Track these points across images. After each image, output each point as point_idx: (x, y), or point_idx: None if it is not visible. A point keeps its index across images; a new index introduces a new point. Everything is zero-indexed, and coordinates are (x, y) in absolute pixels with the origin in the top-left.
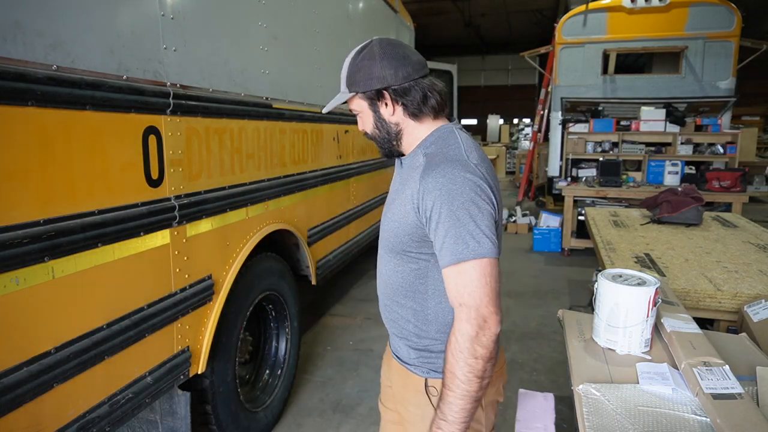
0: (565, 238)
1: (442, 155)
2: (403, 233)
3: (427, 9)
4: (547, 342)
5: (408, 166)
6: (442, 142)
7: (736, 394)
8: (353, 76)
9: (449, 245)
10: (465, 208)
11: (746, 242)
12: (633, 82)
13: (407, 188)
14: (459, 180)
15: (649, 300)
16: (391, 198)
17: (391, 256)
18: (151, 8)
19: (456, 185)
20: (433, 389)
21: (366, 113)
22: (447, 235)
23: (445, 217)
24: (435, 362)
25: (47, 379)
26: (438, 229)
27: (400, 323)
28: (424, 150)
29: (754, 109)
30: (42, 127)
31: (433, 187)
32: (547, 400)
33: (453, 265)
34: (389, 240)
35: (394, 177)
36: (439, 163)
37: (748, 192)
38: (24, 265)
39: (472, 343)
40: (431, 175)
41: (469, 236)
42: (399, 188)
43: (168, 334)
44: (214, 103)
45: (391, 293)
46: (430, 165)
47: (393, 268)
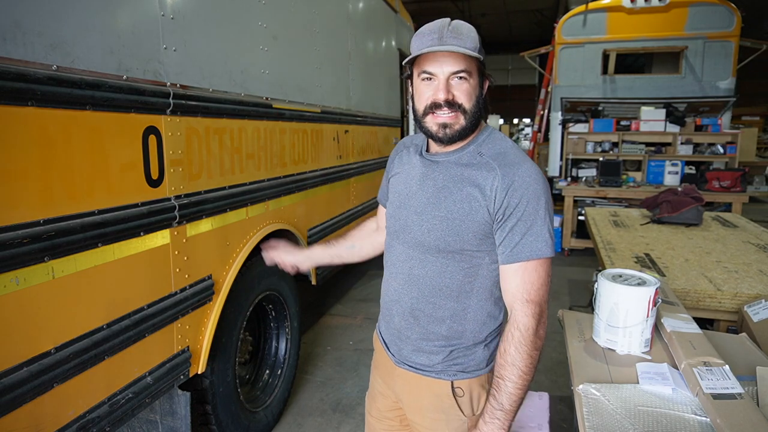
0: (565, 238)
1: (514, 152)
2: (466, 231)
3: (427, 9)
4: (547, 342)
5: (456, 163)
6: (501, 142)
7: (736, 394)
8: (481, 46)
9: (529, 242)
10: (546, 207)
11: (746, 242)
12: (633, 82)
13: (467, 186)
14: (542, 180)
15: (649, 300)
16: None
17: (439, 256)
18: (151, 8)
19: (540, 185)
20: (460, 390)
21: (474, 81)
22: (528, 232)
23: (529, 215)
24: (464, 362)
25: (47, 379)
26: (517, 226)
27: (430, 327)
28: (478, 148)
29: (754, 109)
30: (42, 127)
31: (521, 184)
32: (542, 400)
33: (527, 261)
34: (439, 241)
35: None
36: (521, 161)
37: (748, 192)
38: (24, 265)
39: (535, 337)
40: (517, 173)
41: (548, 234)
42: (447, 186)
43: (168, 334)
44: (214, 103)
45: (428, 295)
46: (509, 162)
47: (439, 269)
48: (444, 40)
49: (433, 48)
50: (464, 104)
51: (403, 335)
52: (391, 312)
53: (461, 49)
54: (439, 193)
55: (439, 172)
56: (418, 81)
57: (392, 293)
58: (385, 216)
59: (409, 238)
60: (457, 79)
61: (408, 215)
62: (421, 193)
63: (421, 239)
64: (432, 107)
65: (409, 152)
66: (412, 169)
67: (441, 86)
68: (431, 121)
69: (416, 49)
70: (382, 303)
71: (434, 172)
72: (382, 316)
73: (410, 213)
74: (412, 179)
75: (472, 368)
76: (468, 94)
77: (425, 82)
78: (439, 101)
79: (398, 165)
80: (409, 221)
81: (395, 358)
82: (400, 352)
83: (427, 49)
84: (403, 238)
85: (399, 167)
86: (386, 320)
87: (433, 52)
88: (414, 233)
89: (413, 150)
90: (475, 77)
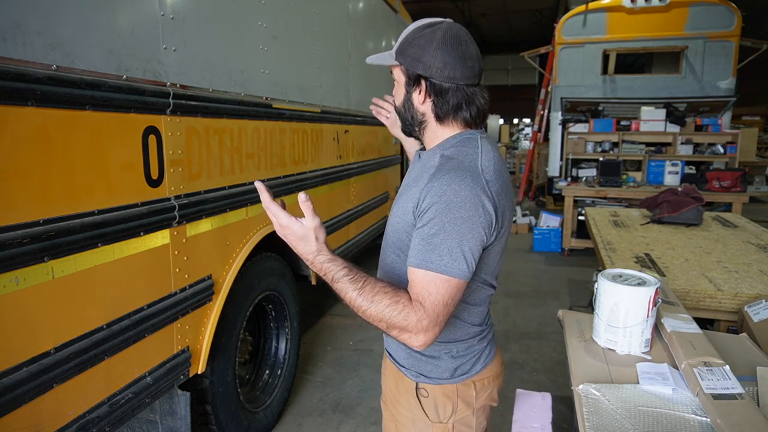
0: (565, 238)
1: (457, 162)
2: (401, 229)
3: (427, 9)
4: (547, 342)
5: (424, 163)
6: (462, 149)
7: (736, 394)
8: (405, 47)
9: (424, 249)
10: (457, 223)
11: (746, 242)
12: (633, 82)
13: (416, 186)
14: (463, 194)
15: (649, 300)
16: (401, 192)
17: (392, 250)
18: (151, 8)
19: (458, 198)
20: (424, 391)
21: (400, 87)
22: (427, 240)
23: (434, 224)
24: (425, 367)
25: (47, 379)
26: (421, 231)
27: None
28: (442, 151)
29: (754, 109)
30: (42, 127)
31: (436, 192)
32: (544, 400)
33: (419, 269)
34: (391, 234)
35: (410, 170)
36: (451, 169)
37: (748, 192)
38: (24, 265)
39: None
40: (439, 180)
41: (446, 251)
42: (410, 184)
43: (168, 334)
44: (214, 103)
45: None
46: (441, 169)
47: (392, 263)
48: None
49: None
50: (396, 105)
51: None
52: None
53: (372, 59)
54: (404, 190)
55: (412, 171)
56: None
57: None
58: None
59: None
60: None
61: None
62: (401, 191)
63: (386, 231)
64: None
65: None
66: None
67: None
68: None
69: None
70: None
71: (412, 172)
72: None
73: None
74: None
75: (434, 376)
76: (396, 96)
77: None
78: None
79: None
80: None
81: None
82: (386, 341)
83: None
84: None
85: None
86: None
87: None
88: (387, 225)
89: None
90: (401, 81)
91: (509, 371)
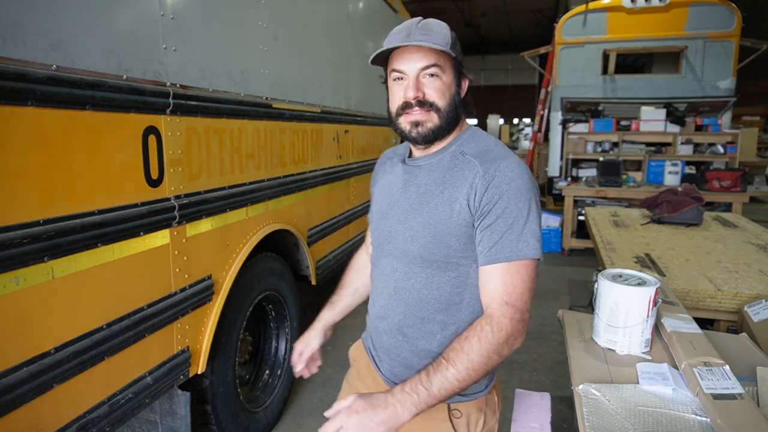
0: (565, 238)
1: (498, 150)
2: (449, 236)
3: (427, 9)
4: (547, 342)
5: (438, 166)
6: (484, 140)
7: (736, 394)
8: (454, 42)
9: (510, 241)
10: (530, 205)
11: (746, 242)
12: (633, 82)
13: (449, 188)
14: (525, 176)
15: (649, 300)
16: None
17: (424, 266)
18: (151, 8)
19: (523, 181)
20: (457, 412)
21: (447, 77)
22: (509, 231)
23: (510, 212)
24: None
25: (47, 379)
26: (497, 223)
27: (419, 343)
28: (460, 148)
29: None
30: (42, 127)
31: (501, 180)
32: (543, 400)
33: (507, 263)
34: (423, 249)
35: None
36: (504, 157)
37: (749, 192)
38: (24, 265)
39: (504, 343)
40: (498, 168)
41: (531, 234)
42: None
43: (168, 334)
44: (214, 103)
45: (416, 309)
46: (491, 158)
47: (425, 281)
48: (412, 37)
49: (398, 43)
50: (436, 102)
51: (393, 353)
52: (378, 329)
53: (426, 43)
54: (422, 198)
55: (421, 177)
56: (390, 82)
57: (378, 309)
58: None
59: (393, 249)
60: (428, 77)
61: (391, 225)
62: (403, 200)
63: (405, 248)
64: (404, 107)
65: (393, 162)
66: (395, 177)
67: (411, 84)
68: (404, 121)
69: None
70: (369, 320)
71: (417, 177)
72: (370, 333)
73: (393, 222)
74: (394, 188)
75: (473, 391)
76: (440, 91)
77: (397, 82)
78: (410, 99)
79: (381, 176)
80: (393, 231)
81: (386, 378)
82: (391, 371)
83: (390, 45)
84: (387, 250)
85: (382, 178)
86: (374, 337)
87: (401, 51)
88: (398, 243)
89: (396, 159)
90: (448, 74)
91: (509, 371)
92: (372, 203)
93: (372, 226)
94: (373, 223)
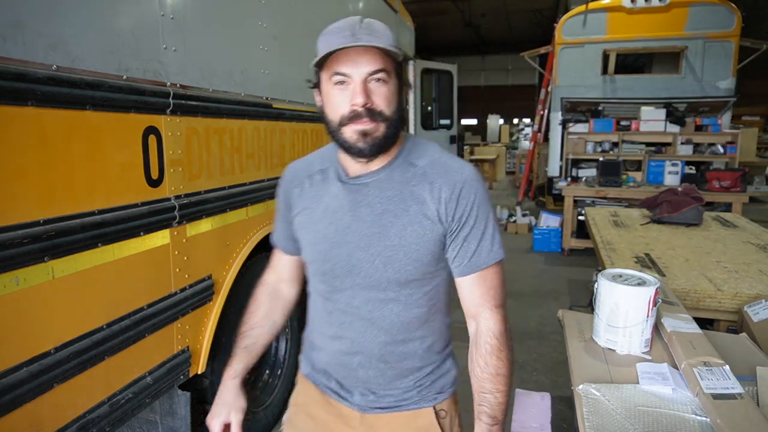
0: (565, 238)
1: (451, 159)
2: (425, 255)
3: (427, 9)
4: (547, 342)
5: (389, 182)
6: (430, 149)
7: (736, 394)
8: (397, 46)
9: (485, 247)
10: (490, 209)
11: (746, 242)
12: (633, 82)
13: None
14: (481, 181)
15: (649, 300)
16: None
17: (401, 289)
18: (151, 8)
19: (483, 187)
20: (442, 412)
21: (392, 84)
22: (483, 238)
23: (481, 220)
24: (440, 381)
25: (47, 379)
26: (472, 234)
27: (403, 364)
28: (407, 159)
29: (754, 109)
30: (42, 127)
31: (468, 191)
32: (543, 400)
33: (488, 267)
34: (399, 274)
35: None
36: (461, 166)
37: (748, 192)
38: (24, 265)
39: (508, 340)
40: (461, 180)
41: (498, 237)
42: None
43: (168, 334)
44: (214, 103)
45: (397, 333)
46: (449, 170)
47: (405, 302)
48: (357, 37)
49: (348, 44)
50: (384, 111)
51: (372, 383)
52: (349, 365)
53: (380, 43)
54: (382, 220)
55: (372, 196)
56: (329, 86)
57: (348, 345)
58: (292, 265)
59: (360, 279)
60: (374, 82)
61: (350, 253)
62: (357, 224)
63: (378, 276)
64: (352, 116)
65: (314, 181)
66: (333, 199)
67: (358, 89)
68: (350, 131)
69: (324, 49)
70: (325, 356)
71: (367, 197)
72: (329, 370)
73: (352, 250)
74: (339, 211)
75: (448, 385)
76: (387, 99)
77: (338, 86)
78: (358, 107)
79: (304, 200)
80: (354, 260)
81: (360, 407)
82: (366, 399)
83: (339, 45)
84: (350, 282)
85: (307, 202)
86: (341, 373)
87: (345, 51)
88: (366, 272)
89: (320, 178)
90: (393, 80)
91: None
92: (302, 231)
93: (313, 257)
94: (315, 255)
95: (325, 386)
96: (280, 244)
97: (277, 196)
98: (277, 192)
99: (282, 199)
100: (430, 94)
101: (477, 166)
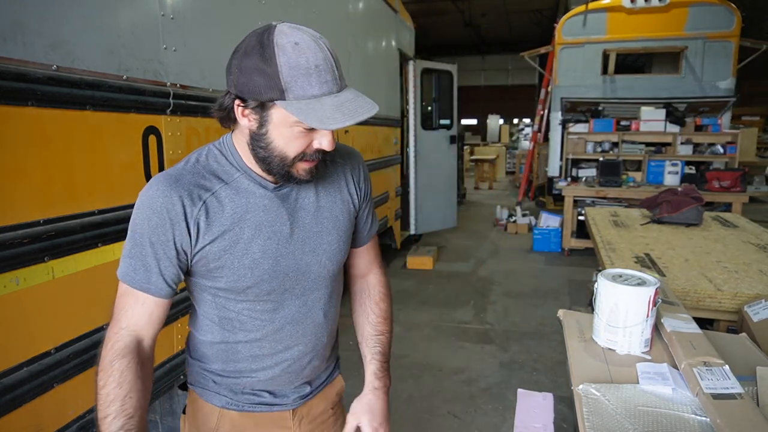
0: (565, 238)
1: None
2: (350, 234)
3: (427, 9)
4: (547, 342)
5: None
6: None
7: (736, 394)
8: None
9: (374, 216)
10: None
11: (746, 242)
12: (633, 82)
13: (338, 194)
14: None
15: (649, 300)
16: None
17: (335, 276)
18: (151, 8)
19: None
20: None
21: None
22: (372, 208)
23: (370, 193)
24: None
25: (47, 379)
26: (369, 206)
27: (334, 343)
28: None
29: (754, 109)
30: (42, 127)
31: (364, 170)
32: (546, 400)
33: (375, 234)
34: (338, 262)
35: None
36: (352, 148)
37: (748, 192)
38: (24, 265)
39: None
40: (358, 160)
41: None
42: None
43: (167, 334)
44: (214, 102)
45: (336, 318)
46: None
47: (338, 288)
48: (339, 82)
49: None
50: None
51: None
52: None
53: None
54: (319, 217)
55: (303, 198)
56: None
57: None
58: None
59: (309, 283)
60: None
61: (299, 260)
62: (300, 229)
63: (324, 273)
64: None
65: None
66: (265, 212)
67: (331, 139)
68: (302, 168)
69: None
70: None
71: (299, 199)
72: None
73: (301, 256)
74: (275, 223)
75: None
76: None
77: (303, 129)
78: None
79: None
80: (304, 265)
81: (293, 405)
82: (301, 393)
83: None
84: (301, 289)
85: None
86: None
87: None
88: (315, 273)
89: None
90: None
91: (509, 371)
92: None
93: (252, 280)
94: (256, 277)
95: (251, 405)
96: (157, 288)
97: (151, 227)
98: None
99: (168, 230)
100: (430, 94)
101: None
